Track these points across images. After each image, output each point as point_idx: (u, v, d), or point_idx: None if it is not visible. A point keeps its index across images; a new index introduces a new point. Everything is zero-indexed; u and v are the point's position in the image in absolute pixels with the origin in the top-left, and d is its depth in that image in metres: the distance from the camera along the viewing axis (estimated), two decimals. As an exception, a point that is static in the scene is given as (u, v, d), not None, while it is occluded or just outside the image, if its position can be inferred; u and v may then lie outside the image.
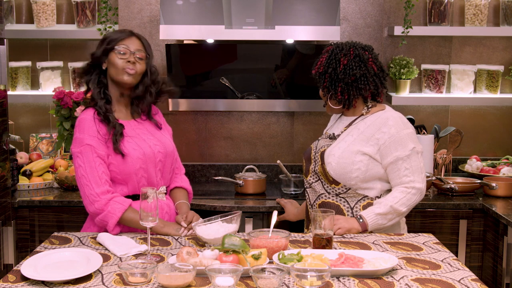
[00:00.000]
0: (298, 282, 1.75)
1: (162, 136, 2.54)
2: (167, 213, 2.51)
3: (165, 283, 1.78)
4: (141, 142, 2.44)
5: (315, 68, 2.50)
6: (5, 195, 2.99)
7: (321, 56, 2.50)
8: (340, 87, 2.42)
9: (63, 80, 3.81)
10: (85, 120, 2.39)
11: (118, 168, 2.37)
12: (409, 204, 2.39)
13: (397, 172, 2.39)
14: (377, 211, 2.36)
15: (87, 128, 2.36)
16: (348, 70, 2.41)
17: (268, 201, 3.17)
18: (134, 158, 2.38)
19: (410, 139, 2.39)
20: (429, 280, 1.87)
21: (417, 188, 2.38)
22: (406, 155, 2.37)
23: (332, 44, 2.50)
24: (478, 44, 3.84)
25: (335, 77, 2.43)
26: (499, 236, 2.98)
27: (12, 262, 3.07)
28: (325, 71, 2.45)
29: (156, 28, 3.57)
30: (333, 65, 2.43)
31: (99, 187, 2.31)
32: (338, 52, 2.44)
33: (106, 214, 2.31)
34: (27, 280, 1.85)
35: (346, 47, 2.45)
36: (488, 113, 3.88)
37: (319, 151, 2.49)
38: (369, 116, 2.46)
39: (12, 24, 3.68)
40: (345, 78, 2.41)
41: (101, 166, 2.33)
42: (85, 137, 2.35)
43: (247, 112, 3.72)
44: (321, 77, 2.47)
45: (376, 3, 3.57)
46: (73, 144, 2.39)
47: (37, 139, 3.80)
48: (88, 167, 2.32)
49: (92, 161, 2.32)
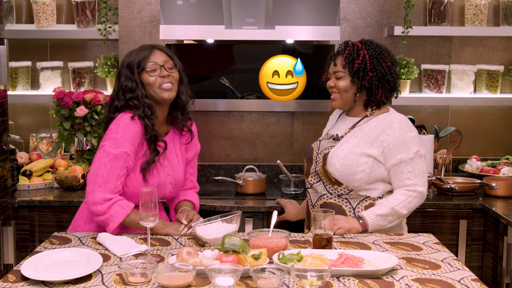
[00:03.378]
0: (298, 282, 1.75)
1: (178, 166, 2.49)
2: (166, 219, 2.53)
3: (165, 283, 1.78)
4: (161, 170, 2.40)
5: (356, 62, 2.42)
6: (5, 195, 2.99)
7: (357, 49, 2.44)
8: (381, 87, 2.43)
9: (63, 80, 3.81)
10: (132, 126, 2.31)
11: (133, 185, 2.34)
12: (410, 207, 2.39)
13: (399, 174, 2.39)
14: (378, 212, 2.37)
15: (133, 137, 2.30)
16: (393, 72, 2.45)
17: (268, 201, 3.17)
18: (149, 183, 2.36)
19: (414, 143, 2.39)
20: (429, 280, 1.87)
21: (419, 192, 2.39)
22: (410, 158, 2.37)
23: (363, 42, 2.47)
24: (478, 44, 3.84)
25: (381, 75, 2.43)
26: (499, 236, 2.98)
27: (12, 262, 3.07)
28: (372, 68, 2.42)
29: (156, 28, 3.57)
30: (379, 64, 2.43)
31: (109, 194, 2.27)
32: (380, 51, 2.45)
33: (108, 217, 2.28)
34: (27, 280, 1.85)
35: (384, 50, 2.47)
36: (488, 113, 3.88)
37: (322, 153, 2.49)
38: (373, 118, 2.46)
39: (12, 24, 3.69)
40: (389, 79, 2.43)
41: (122, 177, 2.30)
42: (126, 144, 2.28)
43: (247, 112, 3.72)
44: (364, 72, 2.43)
45: (376, 3, 3.57)
46: (109, 141, 2.29)
47: (37, 139, 3.80)
48: (111, 172, 2.27)
49: (119, 168, 2.28)
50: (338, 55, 2.48)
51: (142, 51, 2.39)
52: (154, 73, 2.35)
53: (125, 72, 2.37)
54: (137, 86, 2.34)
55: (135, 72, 2.35)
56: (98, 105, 3.44)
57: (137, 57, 2.37)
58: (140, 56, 2.37)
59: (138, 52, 2.40)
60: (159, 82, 2.35)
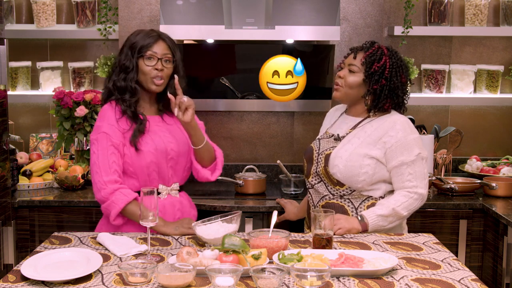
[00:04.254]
0: (298, 282, 1.75)
1: (182, 135, 2.54)
2: (179, 210, 2.53)
3: (165, 283, 1.78)
4: (156, 137, 2.46)
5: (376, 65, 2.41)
6: (5, 195, 2.99)
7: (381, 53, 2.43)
8: (389, 98, 2.43)
9: (63, 80, 3.81)
10: (107, 109, 2.44)
11: (131, 160, 2.41)
12: (410, 209, 2.40)
13: (400, 176, 2.39)
14: (378, 213, 2.37)
15: (107, 117, 2.41)
16: (405, 89, 2.46)
17: (268, 201, 3.17)
18: (145, 151, 2.41)
19: (416, 145, 2.39)
20: (429, 280, 1.87)
21: (419, 194, 2.39)
22: (411, 160, 2.37)
23: (390, 50, 2.46)
24: (478, 44, 3.84)
25: (393, 87, 2.42)
26: (499, 236, 2.98)
27: (12, 262, 3.07)
28: (388, 77, 2.41)
29: (156, 28, 3.53)
30: (396, 76, 2.42)
31: (107, 176, 2.34)
32: (400, 65, 2.44)
33: (110, 203, 2.34)
34: (27, 280, 1.85)
35: (405, 66, 2.46)
36: (488, 113, 3.88)
37: (323, 153, 2.48)
38: (375, 119, 2.46)
39: (12, 24, 3.69)
40: (399, 94, 2.44)
41: (113, 156, 2.37)
42: (103, 125, 2.40)
43: (247, 112, 3.72)
44: (379, 77, 2.42)
45: (376, 3, 3.57)
46: (92, 132, 2.45)
47: (37, 139, 3.80)
48: (100, 155, 2.36)
49: (105, 148, 2.37)
50: (361, 50, 2.47)
51: (148, 37, 2.45)
52: (150, 62, 2.43)
53: (126, 50, 2.46)
54: (132, 69, 2.43)
55: (135, 56, 2.43)
56: (98, 105, 3.44)
57: (142, 42, 2.44)
58: (145, 41, 2.44)
59: (144, 36, 2.46)
60: (153, 74, 2.43)
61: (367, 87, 2.43)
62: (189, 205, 2.62)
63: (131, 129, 2.42)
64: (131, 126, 2.42)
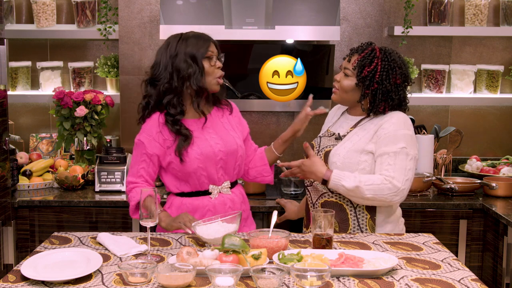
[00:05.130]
0: (298, 282, 1.75)
1: (228, 135, 2.55)
2: (230, 207, 2.54)
3: (165, 283, 1.78)
4: (202, 142, 2.47)
5: (366, 69, 2.39)
6: (5, 195, 2.99)
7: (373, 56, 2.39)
8: (384, 101, 2.40)
9: (63, 80, 3.81)
10: (150, 120, 2.48)
11: (178, 167, 2.46)
12: (378, 194, 2.28)
13: (379, 165, 2.33)
14: (343, 183, 2.30)
15: (148, 128, 2.47)
16: (400, 90, 2.41)
17: (268, 201, 3.17)
18: (192, 159, 2.43)
19: (404, 139, 2.34)
20: (429, 280, 1.87)
21: (394, 185, 2.28)
22: (393, 152, 2.31)
23: (383, 51, 2.41)
24: (478, 44, 3.84)
25: (385, 91, 2.39)
26: (499, 236, 2.98)
27: (12, 262, 3.07)
28: (379, 81, 2.38)
29: (156, 28, 3.57)
30: (387, 79, 2.38)
31: (133, 177, 2.49)
32: (393, 67, 2.39)
33: (129, 198, 2.48)
34: (27, 280, 1.85)
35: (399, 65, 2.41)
36: (488, 113, 3.88)
37: (323, 150, 2.48)
38: (376, 118, 2.44)
39: (12, 24, 3.69)
40: (393, 96, 2.40)
41: (143, 163, 2.47)
42: (142, 135, 2.48)
43: (247, 112, 3.72)
44: (370, 82, 2.39)
45: (376, 3, 3.57)
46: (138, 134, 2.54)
47: (37, 139, 3.80)
48: (134, 159, 2.51)
49: (138, 155, 2.48)
50: (356, 52, 2.45)
51: (201, 41, 2.46)
52: (212, 61, 2.47)
53: (184, 58, 2.42)
54: (199, 72, 2.42)
55: (199, 60, 2.42)
56: (98, 105, 3.44)
57: (200, 45, 2.44)
58: (202, 44, 2.44)
59: (197, 41, 2.45)
60: (217, 73, 2.48)
61: (361, 91, 2.42)
62: (240, 200, 2.61)
63: (177, 139, 2.44)
64: (177, 137, 2.45)
